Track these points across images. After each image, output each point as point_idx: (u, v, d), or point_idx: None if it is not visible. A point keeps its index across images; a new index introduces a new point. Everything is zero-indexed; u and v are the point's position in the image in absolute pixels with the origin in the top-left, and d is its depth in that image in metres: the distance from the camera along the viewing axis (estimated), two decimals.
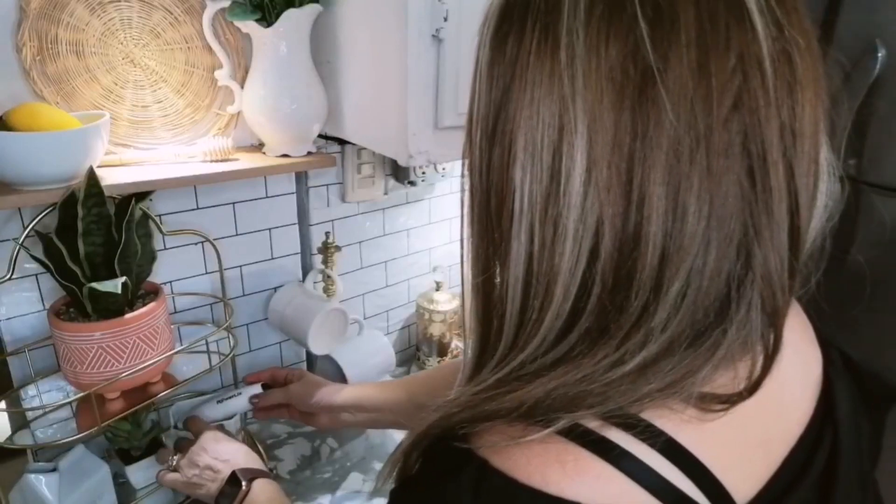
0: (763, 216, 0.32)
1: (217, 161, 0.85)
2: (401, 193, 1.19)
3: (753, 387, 0.34)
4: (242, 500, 0.70)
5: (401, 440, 0.41)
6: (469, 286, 0.42)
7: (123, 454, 0.86)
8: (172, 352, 0.82)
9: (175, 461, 0.78)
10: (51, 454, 0.83)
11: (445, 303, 1.26)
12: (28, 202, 0.70)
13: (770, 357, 0.35)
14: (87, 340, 0.73)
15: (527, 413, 0.34)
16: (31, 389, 0.83)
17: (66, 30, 0.75)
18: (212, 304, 0.99)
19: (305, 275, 1.08)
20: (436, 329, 1.27)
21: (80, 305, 0.74)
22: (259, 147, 0.92)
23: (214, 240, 0.94)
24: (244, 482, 0.71)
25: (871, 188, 0.99)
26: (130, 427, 0.84)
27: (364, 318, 1.17)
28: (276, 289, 1.05)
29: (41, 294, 0.83)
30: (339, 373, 1.02)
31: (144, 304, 0.77)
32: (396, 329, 1.31)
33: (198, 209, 0.93)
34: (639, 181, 0.32)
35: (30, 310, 0.83)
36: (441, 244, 1.31)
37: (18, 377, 0.83)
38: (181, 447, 0.80)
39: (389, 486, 0.41)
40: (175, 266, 0.94)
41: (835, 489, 0.40)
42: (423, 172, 1.16)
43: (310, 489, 0.95)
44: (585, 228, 0.33)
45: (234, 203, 0.97)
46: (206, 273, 0.97)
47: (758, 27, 0.31)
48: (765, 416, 0.38)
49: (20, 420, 0.80)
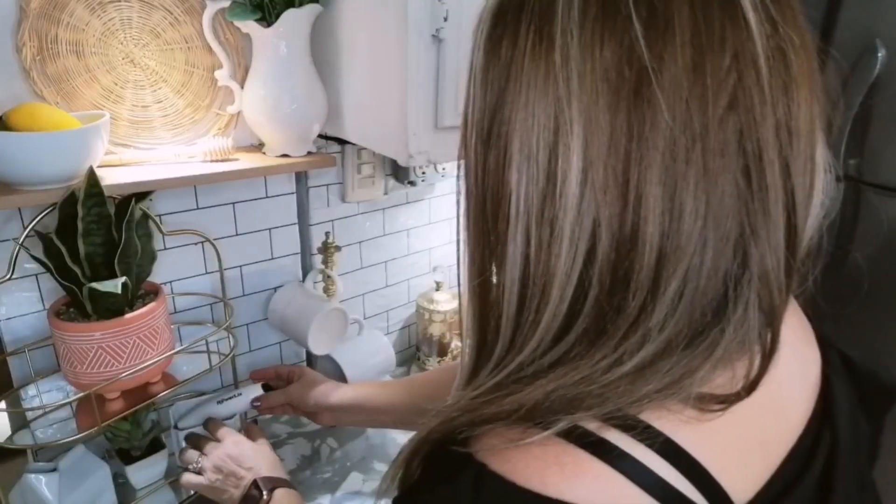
0: (759, 215, 0.32)
1: (217, 161, 0.85)
2: (401, 193, 1.19)
3: (751, 386, 0.34)
4: None
5: (402, 445, 0.41)
6: (466, 289, 0.42)
7: (123, 454, 0.86)
8: (172, 352, 0.82)
9: (200, 463, 0.77)
10: (51, 454, 0.83)
11: (445, 303, 1.26)
12: (28, 202, 0.70)
13: (767, 356, 0.35)
14: (87, 340, 0.73)
15: (525, 415, 0.34)
16: (31, 389, 0.83)
17: (66, 30, 0.75)
18: (212, 304, 0.99)
19: (305, 275, 1.08)
20: (436, 329, 1.27)
21: (80, 305, 0.74)
22: (259, 147, 0.92)
23: (214, 240, 0.94)
24: (265, 492, 0.71)
25: (871, 188, 0.99)
26: (130, 427, 0.84)
27: (364, 318, 1.17)
28: (276, 289, 1.05)
29: (41, 294, 0.83)
30: (339, 373, 1.02)
31: (144, 304, 0.77)
32: (396, 329, 1.31)
33: (198, 209, 0.93)
34: (635, 182, 0.32)
35: (30, 310, 0.83)
36: (441, 244, 1.31)
37: (18, 377, 0.83)
38: (199, 445, 0.80)
39: (393, 493, 0.41)
40: (175, 266, 0.94)
41: (833, 490, 0.40)
42: (423, 172, 1.16)
43: (310, 489, 0.95)
44: (582, 230, 0.33)
45: (234, 203, 0.97)
46: (206, 273, 0.97)
47: (752, 25, 0.31)
48: (763, 416, 0.38)
49: (20, 420, 0.80)
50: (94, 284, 0.69)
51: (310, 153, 0.90)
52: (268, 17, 0.79)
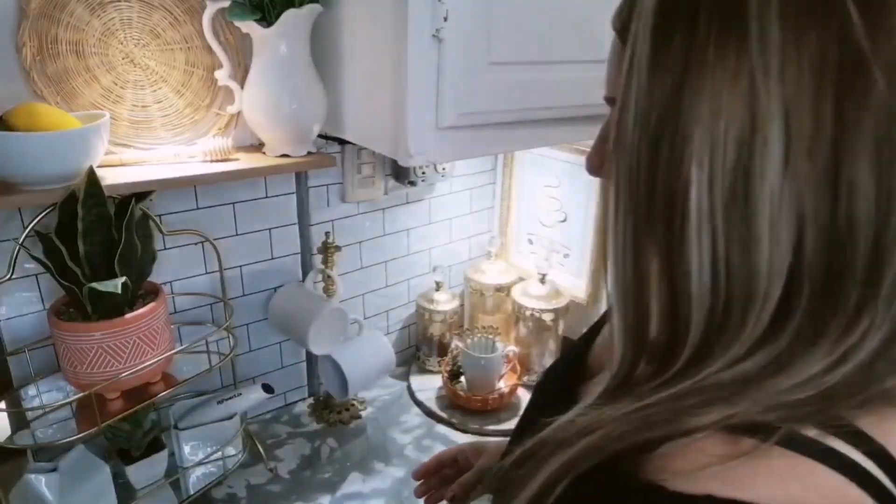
0: None
1: (217, 161, 0.85)
2: (401, 193, 1.19)
3: None
4: None
5: (511, 468, 0.36)
6: (618, 297, 0.38)
7: (123, 454, 0.86)
8: (172, 352, 0.82)
9: None
10: (51, 454, 0.83)
11: (445, 303, 1.26)
12: (28, 202, 0.70)
13: None
14: (87, 340, 0.73)
15: (736, 426, 0.31)
16: (31, 389, 0.83)
17: (66, 30, 0.75)
18: (212, 304, 0.99)
19: (305, 275, 1.08)
20: (436, 329, 1.27)
21: (80, 305, 0.74)
22: (259, 147, 0.92)
23: (214, 240, 0.94)
24: None
25: None
26: (130, 427, 0.84)
27: (364, 318, 1.17)
28: (276, 289, 1.05)
29: (41, 294, 0.83)
30: (339, 373, 1.02)
31: (144, 304, 0.77)
32: (396, 329, 1.31)
33: (198, 209, 0.93)
34: (843, 170, 0.30)
35: (30, 310, 0.83)
36: (441, 244, 1.31)
37: (18, 377, 0.83)
38: None
39: None
40: (175, 266, 0.94)
41: None
42: (423, 172, 1.16)
43: (310, 489, 0.95)
44: (784, 225, 0.31)
45: (234, 203, 0.97)
46: (206, 273, 0.97)
47: None
48: None
49: (20, 420, 0.80)
50: (94, 284, 0.69)
51: (310, 153, 0.90)
52: (268, 17, 0.79)
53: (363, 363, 1.06)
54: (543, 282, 1.22)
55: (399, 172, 1.15)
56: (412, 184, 1.17)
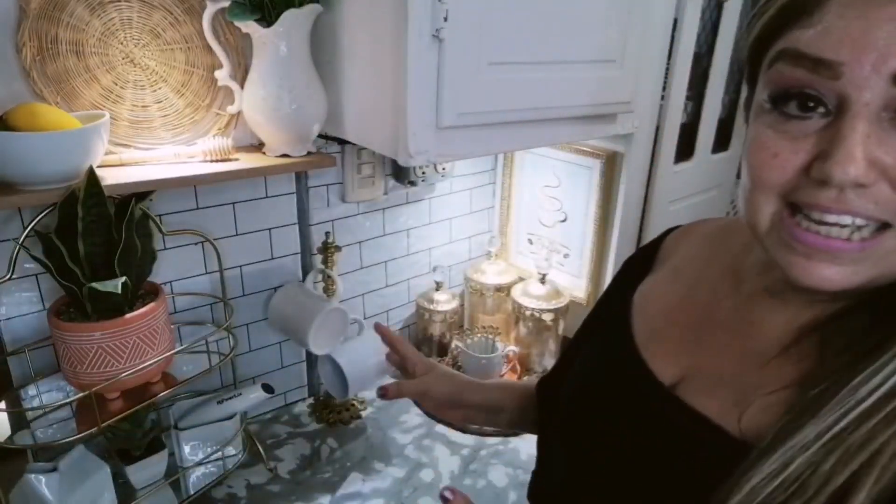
0: None
1: (217, 161, 0.85)
2: (401, 193, 1.19)
3: None
4: None
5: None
6: None
7: (123, 454, 0.86)
8: (172, 352, 0.82)
9: None
10: (51, 454, 0.83)
11: (445, 303, 1.26)
12: (28, 202, 0.70)
13: None
14: (87, 340, 0.73)
15: None
16: (31, 389, 0.83)
17: (66, 30, 0.75)
18: (212, 304, 0.99)
19: (305, 275, 1.08)
20: (436, 329, 1.27)
21: (80, 305, 0.74)
22: (259, 147, 0.92)
23: (214, 240, 0.94)
24: None
25: None
26: (130, 427, 0.84)
27: (364, 318, 1.17)
28: (276, 289, 1.05)
29: (41, 294, 0.83)
30: (339, 373, 1.02)
31: (144, 304, 0.77)
32: (396, 329, 1.31)
33: (198, 209, 0.93)
34: None
35: (30, 310, 0.83)
36: (441, 244, 1.31)
37: (18, 377, 0.83)
38: None
39: None
40: (175, 266, 0.94)
41: None
42: (423, 172, 1.16)
43: (310, 489, 0.95)
44: None
45: (234, 203, 0.97)
46: (206, 273, 0.97)
47: None
48: None
49: (20, 420, 0.80)
50: (94, 284, 0.69)
51: (310, 153, 0.90)
52: (268, 17, 0.79)
53: (363, 363, 1.05)
54: (543, 282, 1.22)
55: (399, 172, 1.15)
56: (412, 184, 1.17)
